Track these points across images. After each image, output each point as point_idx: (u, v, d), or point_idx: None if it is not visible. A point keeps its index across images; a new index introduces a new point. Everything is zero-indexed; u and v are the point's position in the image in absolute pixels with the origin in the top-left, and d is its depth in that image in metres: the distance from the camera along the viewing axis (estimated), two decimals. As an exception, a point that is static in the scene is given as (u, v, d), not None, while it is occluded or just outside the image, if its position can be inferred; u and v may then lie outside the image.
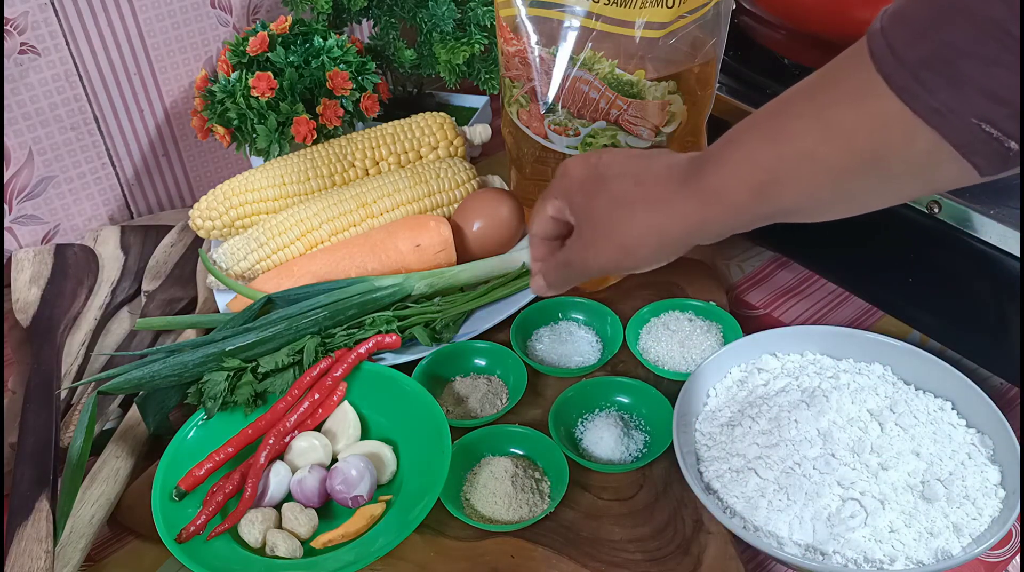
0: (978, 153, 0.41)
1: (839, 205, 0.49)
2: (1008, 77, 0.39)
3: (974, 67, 0.39)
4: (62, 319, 0.80)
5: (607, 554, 0.60)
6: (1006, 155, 0.41)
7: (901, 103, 0.42)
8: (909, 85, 0.41)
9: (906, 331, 0.76)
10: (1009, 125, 0.40)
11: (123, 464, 0.66)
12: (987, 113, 0.40)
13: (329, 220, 0.80)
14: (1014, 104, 0.39)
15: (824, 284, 0.83)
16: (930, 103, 0.41)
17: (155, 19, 0.92)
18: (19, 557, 0.58)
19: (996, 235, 0.64)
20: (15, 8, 0.83)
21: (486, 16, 0.93)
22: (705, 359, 0.68)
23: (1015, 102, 0.39)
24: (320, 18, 0.93)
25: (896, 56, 0.42)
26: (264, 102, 0.85)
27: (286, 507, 0.62)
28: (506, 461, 0.64)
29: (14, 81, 0.86)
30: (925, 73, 0.41)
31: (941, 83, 0.40)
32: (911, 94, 0.41)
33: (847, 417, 0.61)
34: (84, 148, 0.93)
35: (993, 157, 0.41)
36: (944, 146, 0.41)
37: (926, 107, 0.41)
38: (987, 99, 0.40)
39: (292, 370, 0.70)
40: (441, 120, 0.88)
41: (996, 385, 0.71)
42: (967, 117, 0.40)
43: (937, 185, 0.47)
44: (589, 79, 0.73)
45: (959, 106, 0.40)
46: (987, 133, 0.40)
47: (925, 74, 0.41)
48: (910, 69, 0.41)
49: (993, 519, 0.56)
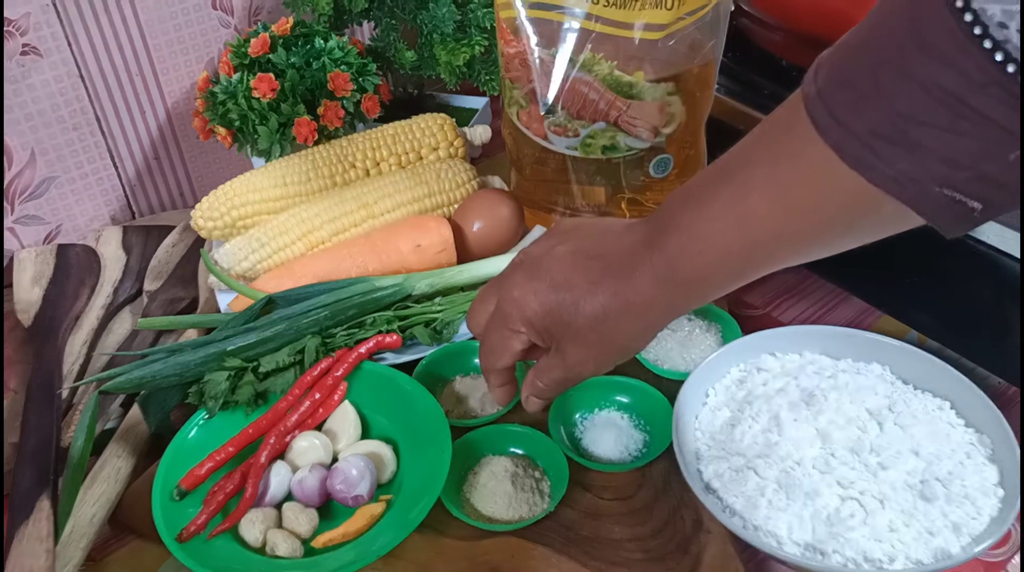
0: (942, 217, 0.40)
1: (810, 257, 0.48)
2: (966, 144, 0.37)
3: (930, 136, 0.38)
4: (64, 319, 0.81)
5: (607, 553, 0.60)
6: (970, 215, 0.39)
7: (858, 175, 0.40)
8: (863, 156, 0.39)
9: (905, 331, 0.76)
10: (971, 187, 0.38)
11: (124, 463, 0.66)
12: (948, 179, 0.38)
13: (330, 220, 0.80)
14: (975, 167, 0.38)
15: (823, 284, 0.83)
16: (887, 173, 0.39)
17: (157, 20, 0.92)
18: (20, 556, 0.58)
19: (996, 235, 0.64)
20: (17, 9, 0.83)
21: (486, 18, 0.93)
22: (704, 359, 0.68)
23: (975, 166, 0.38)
24: (321, 19, 0.93)
25: (842, 125, 0.40)
26: (265, 103, 0.85)
27: (286, 507, 0.62)
28: (506, 460, 0.64)
29: (16, 82, 0.86)
30: (878, 143, 0.39)
31: (897, 153, 0.39)
32: (866, 165, 0.39)
33: (846, 417, 0.62)
34: (86, 149, 0.93)
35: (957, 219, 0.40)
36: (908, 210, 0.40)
37: (884, 177, 0.39)
38: (947, 166, 0.38)
39: (293, 370, 0.70)
40: (442, 121, 0.89)
41: (995, 384, 0.71)
42: (928, 185, 0.39)
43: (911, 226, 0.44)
44: (589, 80, 0.73)
45: (919, 174, 0.39)
46: (949, 197, 0.39)
47: (878, 144, 0.39)
48: (861, 139, 0.39)
49: (992, 518, 0.56)
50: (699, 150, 0.80)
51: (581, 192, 0.80)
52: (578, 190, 0.80)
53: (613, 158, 0.77)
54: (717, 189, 0.47)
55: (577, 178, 0.79)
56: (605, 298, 0.50)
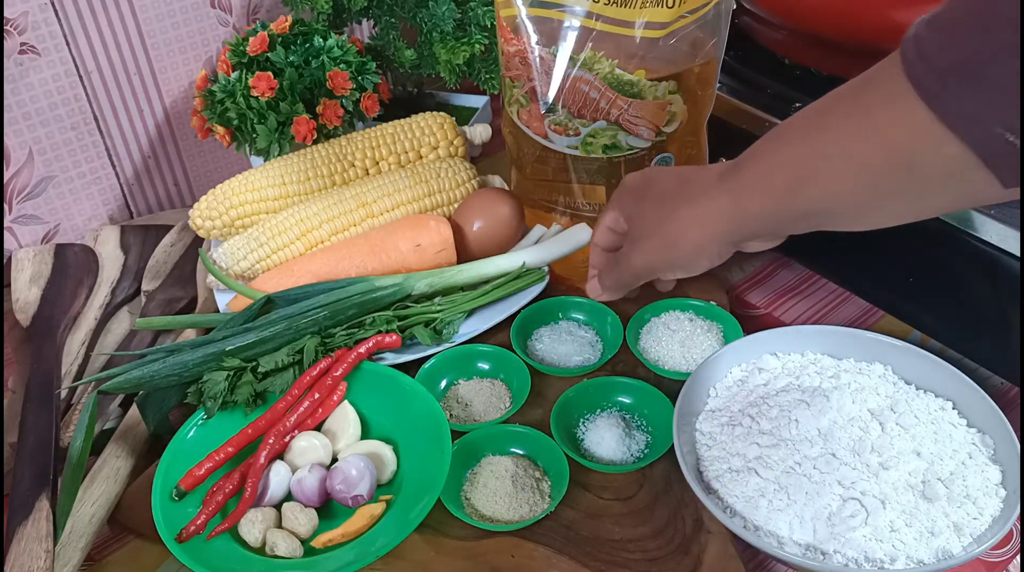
0: (1001, 163, 0.40)
1: (873, 211, 0.49)
2: None
3: (1001, 75, 0.38)
4: (62, 319, 0.80)
5: (607, 554, 0.60)
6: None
7: (928, 109, 0.41)
8: (937, 92, 0.41)
9: (907, 331, 0.76)
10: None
11: (123, 464, 0.66)
12: (1011, 123, 0.39)
13: (329, 220, 0.80)
14: None
15: (825, 284, 0.83)
16: (956, 110, 0.40)
17: (155, 19, 0.92)
18: (19, 556, 0.58)
19: (996, 235, 0.64)
20: (15, 8, 0.83)
21: (486, 16, 0.93)
22: (706, 359, 0.68)
23: None
24: (320, 18, 0.93)
25: (926, 62, 0.41)
26: (264, 102, 0.85)
27: (286, 507, 0.62)
28: (507, 461, 0.64)
29: (14, 81, 0.86)
30: (952, 80, 0.40)
31: (967, 91, 0.40)
32: (937, 100, 0.41)
33: (848, 417, 0.61)
34: (84, 148, 0.93)
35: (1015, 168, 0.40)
36: (970, 154, 0.41)
37: (952, 114, 0.40)
38: (1012, 109, 0.39)
39: (292, 370, 0.70)
40: (441, 120, 0.88)
41: (997, 385, 0.71)
42: (991, 126, 0.39)
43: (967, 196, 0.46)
44: (589, 79, 0.73)
45: (984, 114, 0.40)
46: (1011, 143, 0.39)
47: (952, 81, 0.40)
48: (938, 75, 0.41)
49: (994, 519, 0.56)
50: (701, 149, 0.80)
51: (582, 191, 0.80)
52: (579, 189, 0.79)
53: (614, 157, 0.77)
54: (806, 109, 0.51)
55: (578, 177, 0.79)
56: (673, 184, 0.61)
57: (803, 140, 0.50)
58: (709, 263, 0.61)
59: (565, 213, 0.82)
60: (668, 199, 0.61)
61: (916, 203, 0.47)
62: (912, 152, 0.44)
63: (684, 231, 0.60)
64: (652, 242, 0.62)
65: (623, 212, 0.66)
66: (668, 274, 0.67)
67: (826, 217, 0.52)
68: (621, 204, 0.67)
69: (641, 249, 0.64)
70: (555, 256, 0.78)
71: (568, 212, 0.82)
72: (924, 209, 0.48)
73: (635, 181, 0.66)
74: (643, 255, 0.64)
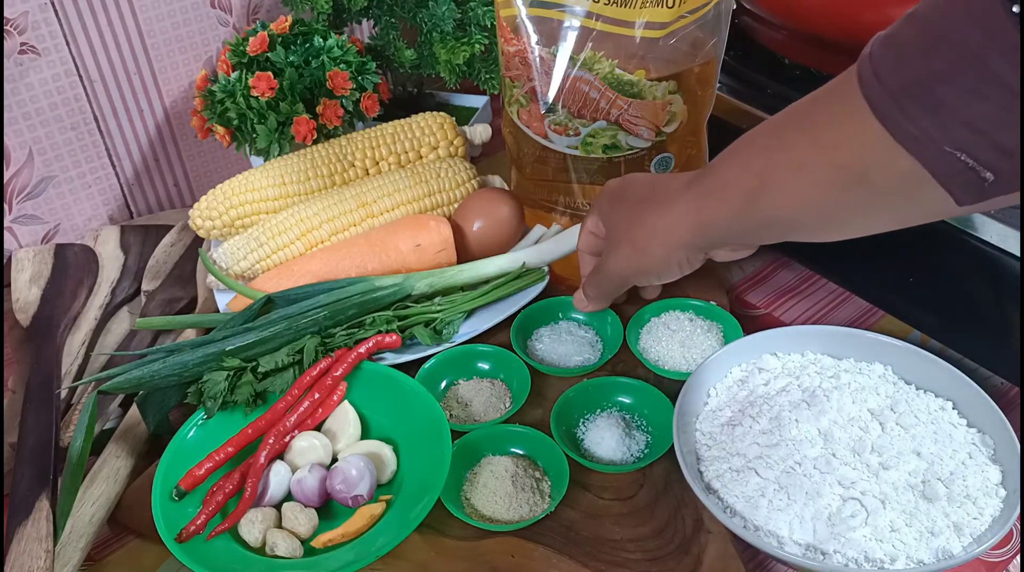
0: (954, 182, 0.41)
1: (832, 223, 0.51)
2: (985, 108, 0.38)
3: (953, 96, 0.39)
4: (62, 319, 0.80)
5: (607, 554, 0.60)
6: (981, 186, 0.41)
7: (883, 128, 0.42)
8: (890, 111, 0.42)
9: (907, 331, 0.76)
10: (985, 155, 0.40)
11: (123, 464, 0.66)
12: (963, 143, 0.40)
13: (329, 220, 0.80)
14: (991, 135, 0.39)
15: (824, 284, 0.83)
16: (909, 130, 0.41)
17: (155, 19, 0.92)
18: (19, 556, 0.58)
19: (996, 235, 0.64)
20: (15, 8, 0.83)
21: (486, 16, 0.93)
22: (706, 359, 0.68)
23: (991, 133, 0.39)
24: (320, 18, 0.93)
25: (880, 81, 0.42)
26: (264, 102, 0.85)
27: (286, 507, 0.62)
28: (507, 461, 0.64)
29: (14, 81, 0.86)
30: (906, 100, 0.41)
31: (920, 110, 0.40)
32: (892, 120, 0.42)
33: (848, 417, 0.61)
34: (84, 148, 0.93)
35: (969, 187, 0.41)
36: (923, 172, 0.42)
37: (905, 133, 0.41)
38: (964, 128, 0.39)
39: (292, 370, 0.70)
40: (441, 120, 0.88)
41: (997, 385, 0.71)
42: (943, 145, 0.40)
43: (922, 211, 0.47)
44: (589, 79, 0.73)
45: (936, 134, 0.40)
46: (963, 162, 0.40)
47: (905, 101, 0.41)
48: (892, 95, 0.41)
49: (994, 519, 0.56)
50: (701, 149, 0.80)
51: (582, 191, 0.80)
52: (579, 189, 0.80)
53: (614, 157, 0.77)
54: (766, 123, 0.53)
55: (578, 177, 0.79)
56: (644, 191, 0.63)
57: (763, 151, 0.51)
58: (680, 270, 0.64)
59: (565, 213, 0.82)
60: (638, 205, 0.63)
61: (874, 217, 0.48)
62: (866, 166, 0.44)
63: (650, 238, 0.62)
64: (623, 249, 0.65)
65: (601, 216, 0.68)
66: (642, 281, 0.69)
67: (788, 228, 0.53)
68: (600, 209, 0.68)
69: (614, 256, 0.66)
70: (555, 256, 0.78)
71: (568, 212, 0.82)
72: (882, 223, 0.49)
73: (613, 186, 0.68)
74: (615, 262, 0.66)
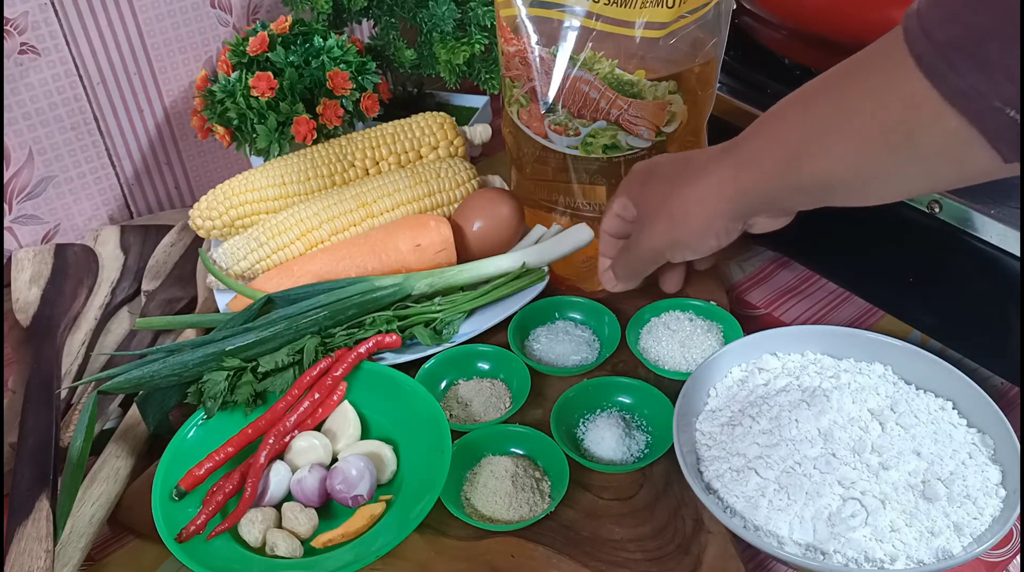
0: (1001, 138, 0.40)
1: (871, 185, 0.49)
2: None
3: (1001, 50, 0.39)
4: (62, 319, 0.80)
5: (607, 554, 0.60)
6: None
7: (929, 84, 0.41)
8: (937, 66, 0.41)
9: (907, 331, 0.76)
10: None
11: (123, 464, 0.66)
12: (1011, 97, 0.39)
13: (329, 220, 0.80)
14: None
15: (825, 284, 0.83)
16: (956, 85, 0.40)
17: (155, 19, 0.92)
18: (19, 556, 0.58)
19: (996, 235, 0.64)
20: (15, 8, 0.83)
21: (486, 16, 0.93)
22: (706, 359, 0.68)
23: None
24: (320, 18, 0.93)
25: (928, 37, 0.41)
26: (264, 102, 0.85)
27: (286, 507, 0.62)
28: (506, 460, 0.64)
29: (14, 81, 0.86)
30: (953, 54, 0.40)
31: (968, 65, 0.40)
32: (939, 75, 0.41)
33: (848, 417, 0.61)
34: (84, 148, 0.93)
35: (1014, 143, 0.40)
36: (970, 129, 0.41)
37: (952, 89, 0.41)
38: (1012, 83, 0.39)
39: (292, 370, 0.70)
40: (441, 120, 0.88)
41: (997, 385, 0.71)
42: (991, 100, 0.40)
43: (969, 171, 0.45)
44: (589, 79, 0.73)
45: (984, 89, 0.40)
46: (1011, 118, 0.39)
47: (953, 55, 0.40)
48: (939, 50, 0.41)
49: (994, 519, 0.56)
50: (701, 149, 0.80)
51: (582, 191, 0.80)
52: (579, 189, 0.79)
53: (614, 157, 0.77)
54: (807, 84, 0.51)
55: (578, 177, 0.79)
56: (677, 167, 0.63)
57: (802, 114, 0.50)
58: (717, 241, 0.62)
59: (565, 213, 0.82)
60: (671, 180, 0.62)
61: (915, 178, 0.47)
62: (911, 125, 0.44)
63: (688, 208, 0.60)
64: (658, 223, 0.63)
65: (631, 198, 0.68)
66: (678, 255, 0.66)
67: (826, 191, 0.52)
68: (629, 190, 0.68)
69: (649, 232, 0.65)
70: (555, 256, 0.78)
71: (568, 212, 0.82)
72: (923, 185, 0.49)
73: (642, 167, 0.68)
74: (650, 237, 0.65)
